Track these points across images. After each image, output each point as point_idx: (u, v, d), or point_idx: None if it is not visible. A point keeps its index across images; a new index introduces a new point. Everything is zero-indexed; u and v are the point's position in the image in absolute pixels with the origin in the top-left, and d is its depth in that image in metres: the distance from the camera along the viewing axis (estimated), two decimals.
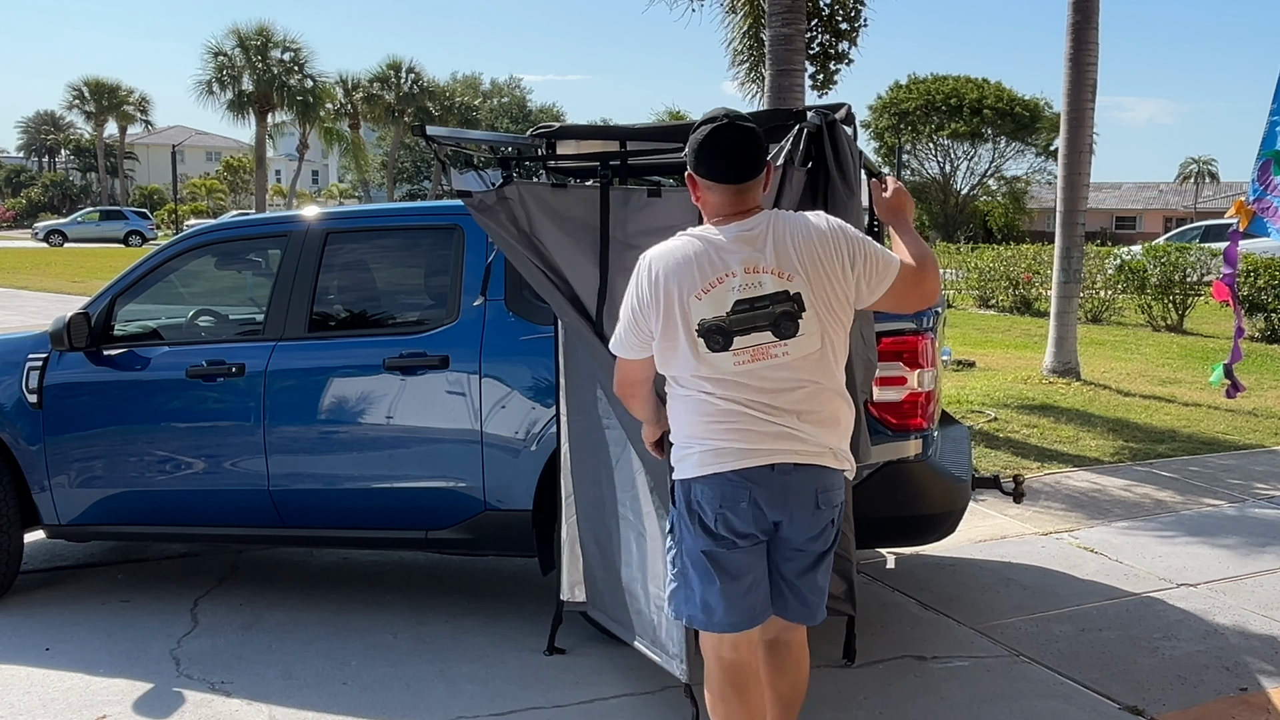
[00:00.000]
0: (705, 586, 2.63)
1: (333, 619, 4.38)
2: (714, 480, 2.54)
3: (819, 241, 2.54)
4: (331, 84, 47.56)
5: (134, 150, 74.76)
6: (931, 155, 56.12)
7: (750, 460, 2.52)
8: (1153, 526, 5.71)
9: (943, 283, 16.55)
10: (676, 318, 2.51)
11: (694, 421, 2.57)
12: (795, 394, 2.53)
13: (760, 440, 2.52)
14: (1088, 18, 9.89)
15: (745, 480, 2.53)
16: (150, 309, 4.89)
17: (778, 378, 2.52)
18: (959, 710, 3.57)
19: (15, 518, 4.53)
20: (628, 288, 2.62)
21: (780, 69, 8.63)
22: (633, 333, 2.61)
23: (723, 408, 2.52)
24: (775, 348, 2.49)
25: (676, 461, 2.63)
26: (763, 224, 2.55)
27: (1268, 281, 13.33)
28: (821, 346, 2.54)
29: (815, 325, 2.52)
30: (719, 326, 2.48)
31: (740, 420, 2.52)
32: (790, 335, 2.49)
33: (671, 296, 2.51)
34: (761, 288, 2.49)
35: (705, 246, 2.53)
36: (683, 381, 2.58)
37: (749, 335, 2.48)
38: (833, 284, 2.53)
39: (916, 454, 3.97)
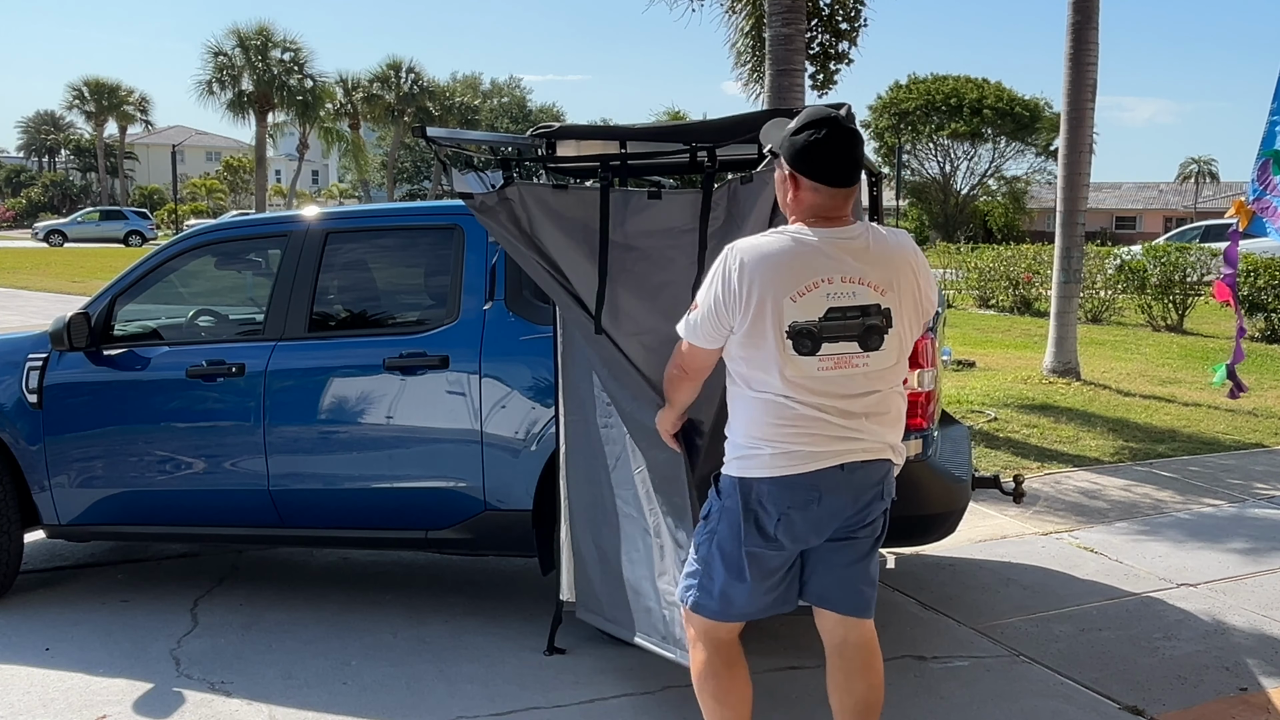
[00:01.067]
0: (732, 581, 2.65)
1: (333, 619, 4.38)
2: (786, 482, 2.54)
3: (912, 260, 2.60)
4: (331, 84, 47.57)
5: (134, 150, 74.77)
6: (931, 155, 56.11)
7: (822, 462, 2.54)
8: (1153, 526, 5.71)
9: (943, 283, 16.38)
10: (768, 316, 2.49)
11: (766, 423, 2.55)
12: (868, 399, 2.57)
13: (831, 443, 2.55)
14: (1088, 18, 9.89)
15: (816, 482, 2.55)
16: (150, 309, 4.89)
17: (853, 384, 2.54)
18: (959, 710, 3.57)
19: (15, 518, 4.53)
20: (710, 277, 2.58)
21: (780, 69, 8.63)
22: (711, 323, 2.58)
23: (800, 412, 2.52)
24: (858, 358, 2.52)
25: (738, 458, 2.61)
26: (864, 234, 2.55)
27: (1268, 281, 13.33)
28: (898, 360, 2.60)
29: (896, 341, 2.56)
30: (809, 331, 2.48)
31: (815, 425, 2.53)
32: (875, 348, 2.53)
33: (766, 295, 2.48)
34: (855, 298, 2.50)
35: (805, 249, 2.50)
36: (757, 383, 2.55)
37: (837, 343, 2.50)
38: (915, 303, 2.60)
39: (916, 454, 3.96)
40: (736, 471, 2.62)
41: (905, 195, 55.83)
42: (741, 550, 2.62)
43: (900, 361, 2.61)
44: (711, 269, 2.59)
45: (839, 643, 2.81)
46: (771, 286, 2.48)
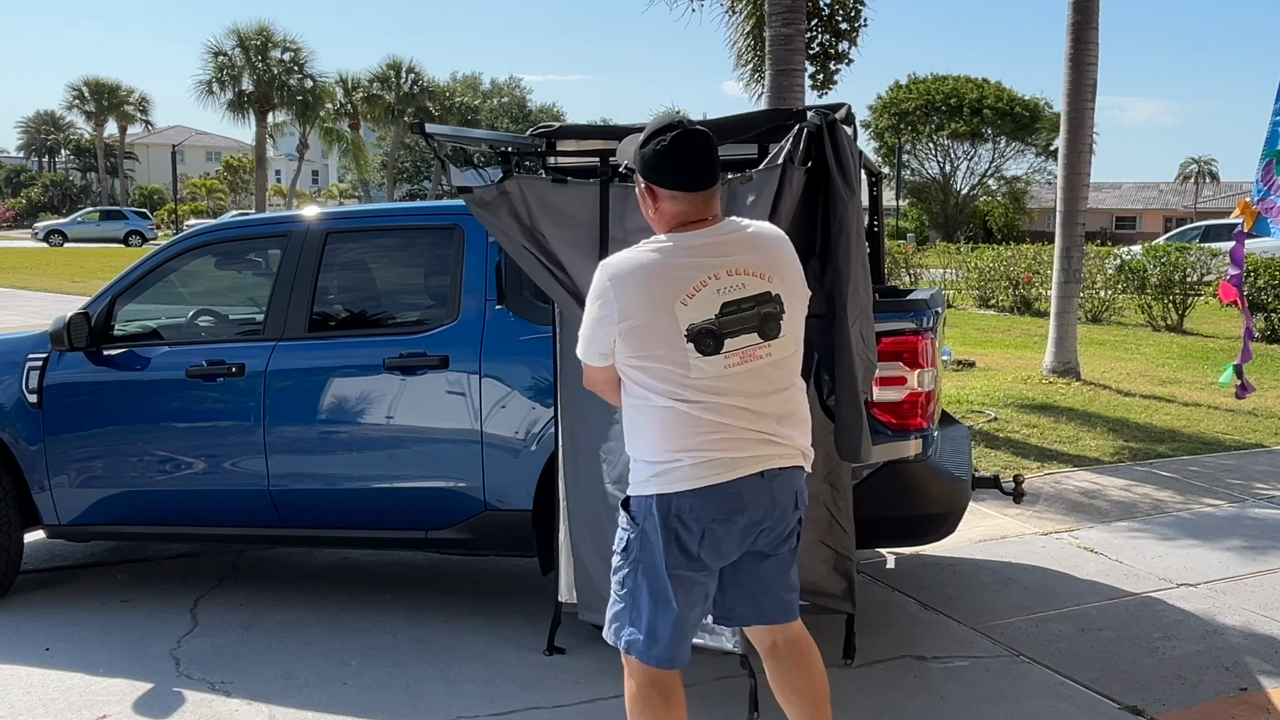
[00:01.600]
0: (658, 612, 2.54)
1: (333, 619, 4.38)
2: (709, 493, 2.46)
3: (786, 247, 2.61)
4: (331, 84, 47.58)
5: (134, 150, 74.76)
6: (931, 155, 56.15)
7: (743, 469, 2.48)
8: (1153, 526, 5.71)
9: (943, 283, 16.41)
10: (660, 327, 2.44)
11: (681, 433, 2.47)
12: (777, 398, 2.53)
13: (750, 448, 2.49)
14: (1088, 18, 9.89)
15: (740, 491, 2.48)
16: (150, 309, 4.89)
17: (759, 382, 2.50)
18: (959, 710, 3.57)
19: (15, 518, 4.53)
20: (590, 296, 2.54)
21: (780, 69, 8.63)
22: (599, 342, 2.54)
23: (714, 418, 2.46)
24: (761, 349, 2.48)
25: (654, 475, 2.51)
26: (733, 227, 2.55)
27: (1268, 281, 13.33)
28: (796, 348, 2.58)
29: (791, 326, 2.55)
30: (709, 329, 2.44)
31: (726, 430, 2.47)
32: (774, 336, 2.50)
33: (651, 304, 2.44)
34: (745, 289, 2.47)
35: (682, 252, 2.48)
36: (663, 393, 2.48)
37: (738, 337, 2.46)
38: (799, 288, 2.59)
39: (916, 454, 3.97)
40: (654, 489, 2.50)
41: (905, 195, 55.88)
42: (664, 576, 2.51)
43: (798, 350, 2.59)
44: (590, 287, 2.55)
45: (770, 646, 2.78)
46: (653, 298, 2.44)
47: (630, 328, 2.45)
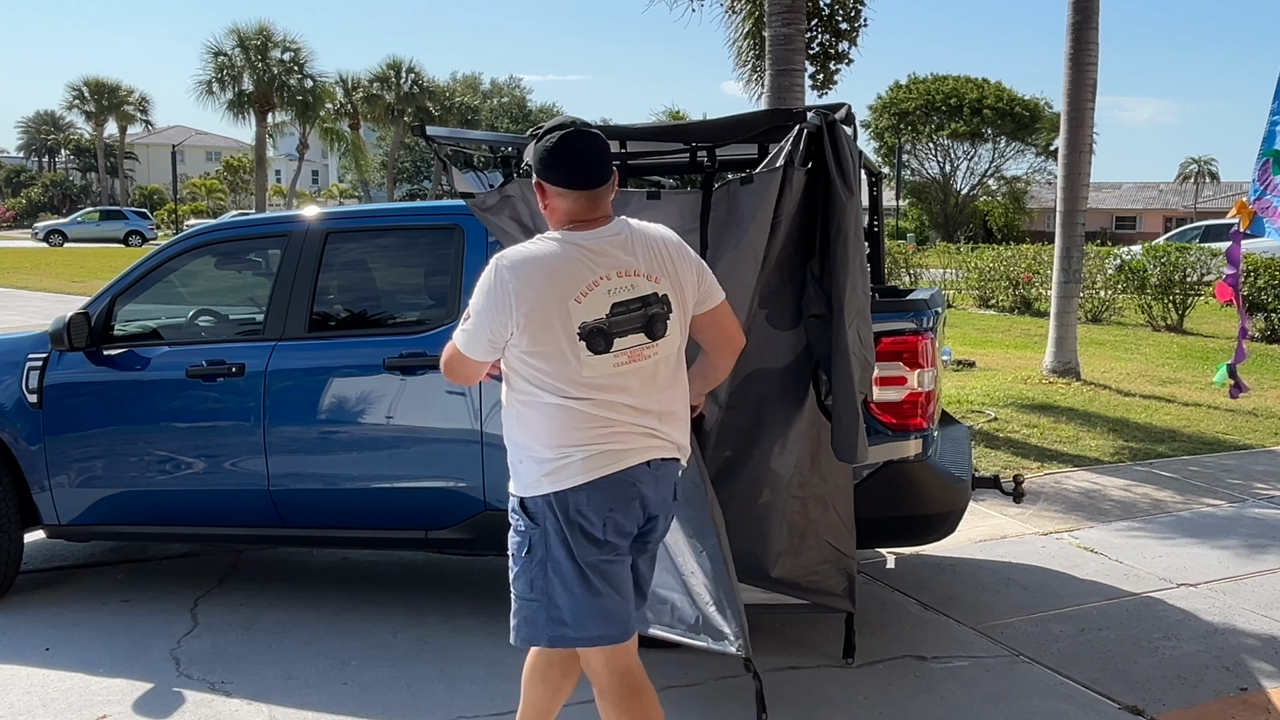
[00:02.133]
0: (582, 603, 2.57)
1: (333, 619, 4.38)
2: (605, 483, 2.52)
3: (673, 248, 2.65)
4: (331, 84, 47.56)
5: (134, 150, 74.76)
6: (931, 155, 56.16)
7: (631, 460, 2.55)
8: (1153, 526, 5.71)
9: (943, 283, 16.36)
10: (554, 323, 2.49)
11: (566, 430, 2.52)
12: (661, 395, 2.61)
13: (633, 441, 2.56)
14: (1088, 18, 9.89)
15: (631, 479, 2.56)
16: (150, 309, 4.89)
17: (644, 380, 2.57)
18: (959, 710, 3.57)
19: (15, 518, 4.53)
20: (479, 288, 2.56)
21: (780, 69, 8.64)
22: (486, 336, 2.55)
23: (596, 414, 2.52)
24: (648, 349, 2.56)
25: (544, 475, 2.54)
26: (625, 229, 2.61)
27: (1268, 281, 13.33)
28: (680, 348, 2.65)
29: (677, 326, 2.62)
30: (600, 329, 2.50)
31: (613, 425, 2.54)
32: (660, 335, 2.58)
33: (545, 301, 2.48)
34: (634, 290, 2.54)
35: (576, 251, 2.53)
36: (553, 390, 2.52)
37: (626, 337, 2.53)
38: (686, 289, 2.64)
39: (916, 454, 3.97)
40: (548, 488, 2.54)
41: (905, 195, 55.88)
42: (580, 566, 2.55)
43: (682, 349, 2.66)
44: (480, 280, 2.56)
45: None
46: (551, 292, 2.49)
47: (529, 320, 2.49)
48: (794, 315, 3.44)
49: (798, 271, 3.40)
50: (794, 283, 3.41)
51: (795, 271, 3.40)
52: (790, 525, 3.63)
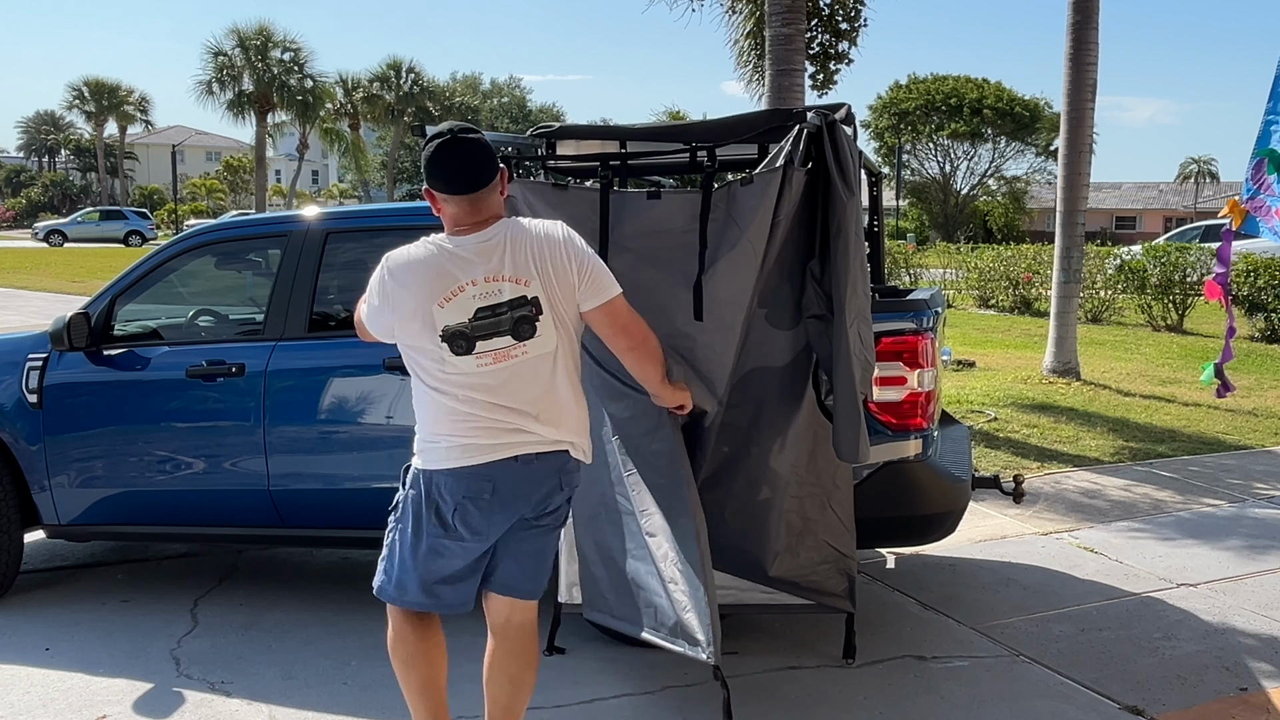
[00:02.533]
0: (408, 569, 2.81)
1: (332, 619, 4.38)
2: (461, 474, 2.70)
3: (550, 248, 2.71)
4: (331, 84, 47.53)
5: (134, 150, 74.75)
6: (931, 155, 56.15)
7: (494, 455, 2.70)
8: (1153, 526, 5.71)
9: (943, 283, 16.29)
10: (420, 324, 2.66)
11: (441, 418, 2.72)
12: (530, 393, 2.72)
13: (499, 436, 2.70)
14: (1088, 18, 9.89)
15: (489, 474, 2.70)
16: (150, 309, 4.89)
17: (512, 379, 2.69)
18: (959, 710, 3.57)
19: (15, 518, 4.53)
20: (370, 285, 2.77)
21: (780, 69, 8.64)
22: (379, 325, 2.80)
23: (461, 409, 2.69)
24: (515, 349, 2.68)
25: (420, 451, 2.78)
26: (500, 233, 2.70)
27: (1268, 281, 13.32)
28: (556, 347, 2.73)
29: (551, 326, 2.71)
30: (462, 332, 2.64)
31: (477, 420, 2.69)
32: (528, 337, 2.69)
33: (414, 303, 2.66)
34: (500, 295, 2.66)
35: (445, 256, 2.68)
36: (429, 380, 2.72)
37: (490, 340, 2.66)
38: (563, 288, 2.71)
39: (916, 454, 3.97)
40: (420, 464, 2.78)
41: (905, 195, 55.87)
42: (423, 539, 2.77)
43: (561, 348, 2.74)
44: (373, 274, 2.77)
45: (503, 623, 2.96)
46: (417, 295, 2.66)
47: (402, 321, 2.70)
48: (794, 315, 3.44)
49: (798, 271, 3.40)
50: (794, 283, 3.41)
51: (795, 271, 3.41)
52: (789, 524, 3.63)
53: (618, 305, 2.79)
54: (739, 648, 4.04)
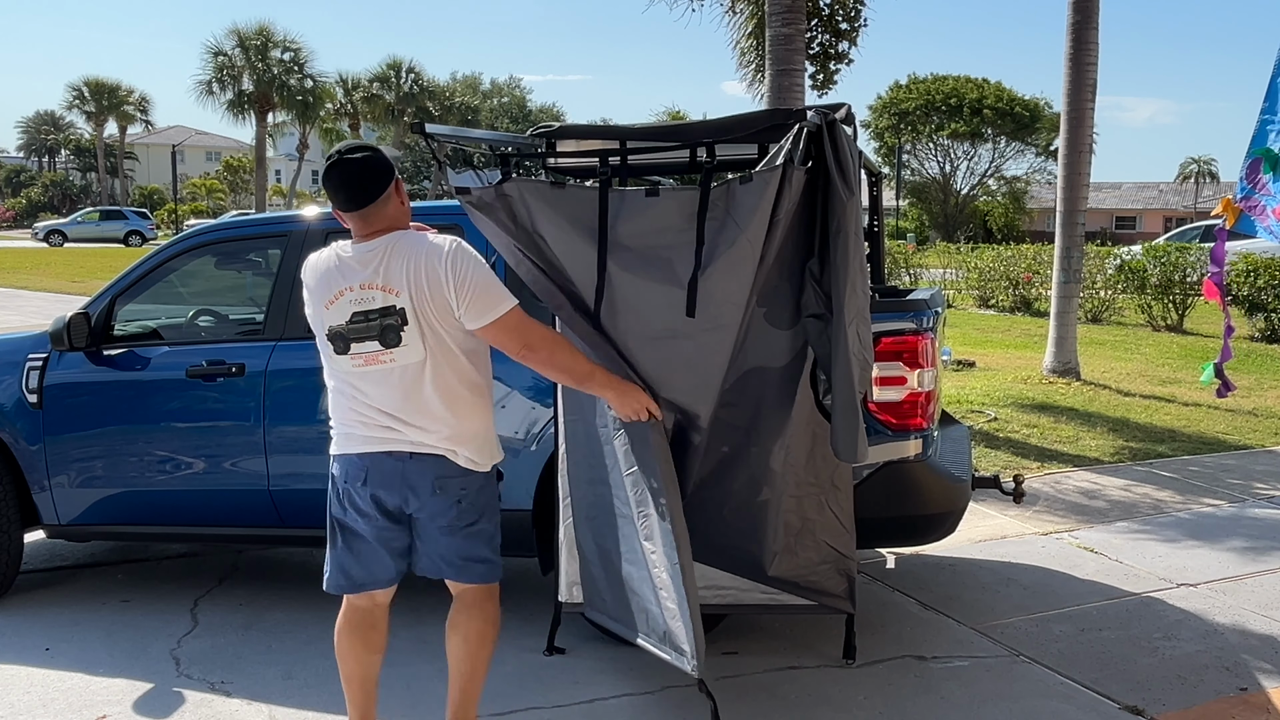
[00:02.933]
0: (335, 550, 3.07)
1: (332, 619, 4.35)
2: (345, 460, 2.98)
3: (428, 265, 2.83)
4: (331, 84, 47.54)
5: (134, 150, 74.74)
6: (931, 155, 56.15)
7: (368, 447, 2.92)
8: (1153, 526, 5.71)
9: (943, 283, 16.27)
10: (316, 321, 2.95)
11: (335, 407, 3.00)
12: (395, 400, 2.89)
13: (374, 431, 2.92)
14: (1088, 18, 9.89)
15: (364, 463, 2.93)
16: (150, 309, 4.89)
17: (383, 382, 2.89)
18: (959, 710, 3.57)
19: (15, 518, 4.53)
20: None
21: (780, 69, 8.64)
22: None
23: (345, 402, 2.96)
24: (384, 355, 2.86)
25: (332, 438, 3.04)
26: (382, 245, 2.87)
27: (1268, 281, 13.32)
28: (425, 359, 2.87)
29: (417, 337, 2.85)
30: (340, 333, 2.88)
31: (357, 414, 2.93)
32: (394, 345, 2.85)
33: (313, 303, 2.95)
34: (372, 302, 2.84)
35: (336, 262, 2.92)
36: (326, 371, 3.00)
37: (363, 343, 2.86)
38: (436, 304, 2.84)
39: (916, 454, 3.97)
40: (331, 449, 3.05)
41: (905, 195, 55.87)
42: (335, 519, 3.04)
43: (431, 357, 2.86)
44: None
45: (459, 592, 3.14)
46: (314, 295, 2.94)
47: (310, 316, 2.99)
48: (792, 314, 3.44)
49: (797, 271, 3.40)
50: (793, 282, 3.41)
51: (794, 271, 3.40)
52: (787, 525, 3.62)
53: (509, 321, 2.89)
54: (739, 648, 4.04)
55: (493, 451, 3.07)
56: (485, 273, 2.89)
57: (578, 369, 3.07)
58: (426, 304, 2.83)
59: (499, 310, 2.88)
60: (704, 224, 3.25)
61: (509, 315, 2.88)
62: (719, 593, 3.76)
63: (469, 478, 2.99)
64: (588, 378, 3.11)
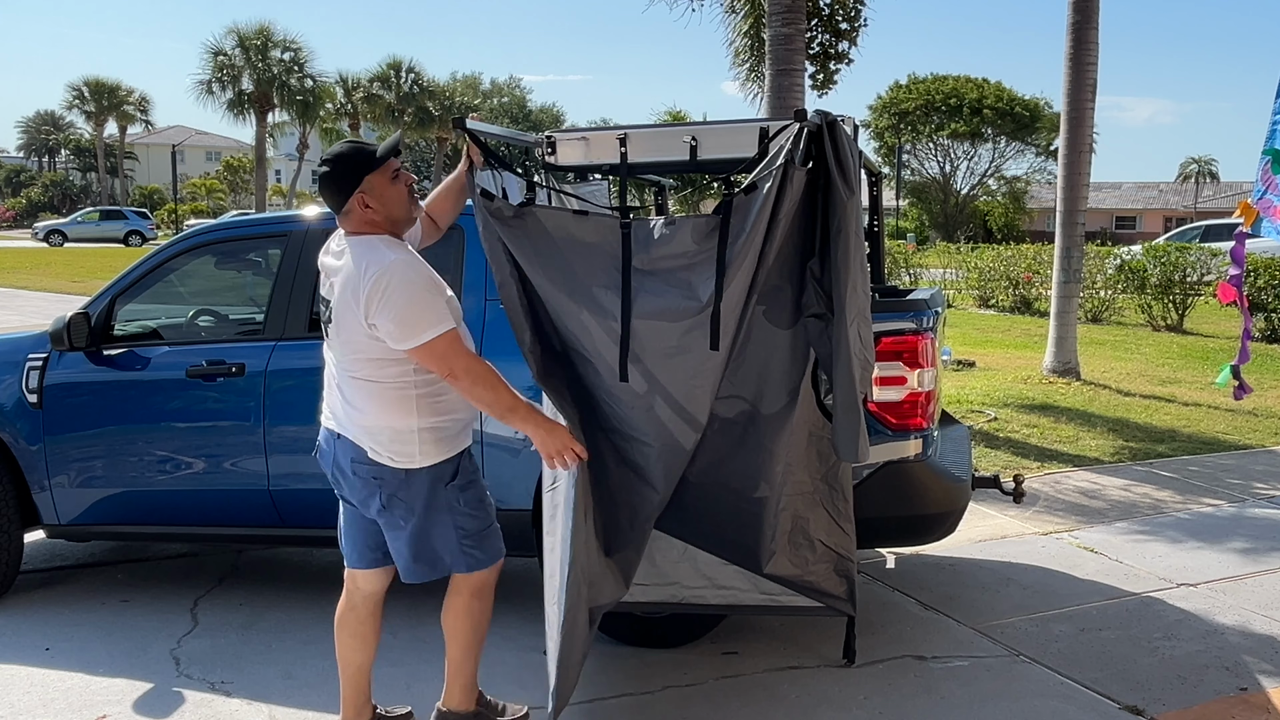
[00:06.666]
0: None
1: (332, 619, 4.36)
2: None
3: (348, 276, 2.98)
4: (331, 84, 47.56)
5: (134, 150, 74.73)
6: (931, 155, 56.14)
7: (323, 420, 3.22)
8: (1153, 526, 5.71)
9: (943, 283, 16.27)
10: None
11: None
12: (328, 380, 3.17)
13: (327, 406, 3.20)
14: (1088, 18, 9.90)
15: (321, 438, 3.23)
16: (150, 309, 4.89)
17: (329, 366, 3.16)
18: (959, 710, 3.57)
19: (15, 518, 4.53)
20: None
21: (780, 69, 8.64)
22: None
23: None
24: (329, 340, 3.12)
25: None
26: (345, 244, 3.06)
27: (1268, 281, 13.33)
28: (338, 355, 3.09)
29: (335, 333, 3.07)
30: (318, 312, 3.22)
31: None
32: (328, 335, 3.11)
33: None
34: (330, 293, 3.08)
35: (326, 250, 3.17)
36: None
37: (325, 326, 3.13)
38: (346, 311, 3.00)
39: (916, 454, 3.97)
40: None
41: (905, 195, 55.86)
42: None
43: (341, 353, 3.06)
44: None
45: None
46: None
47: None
48: (793, 314, 3.43)
49: (797, 271, 3.39)
50: (793, 282, 3.40)
51: (795, 271, 3.40)
52: (785, 524, 3.62)
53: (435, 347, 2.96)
54: (739, 648, 4.04)
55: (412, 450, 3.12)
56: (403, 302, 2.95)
57: (500, 403, 3.08)
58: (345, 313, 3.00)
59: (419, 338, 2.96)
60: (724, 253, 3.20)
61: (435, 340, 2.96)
62: (720, 592, 3.76)
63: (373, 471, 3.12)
64: (510, 412, 3.11)
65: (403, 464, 3.09)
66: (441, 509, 3.15)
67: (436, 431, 3.11)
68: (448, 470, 3.14)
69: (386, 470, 3.09)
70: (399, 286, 2.93)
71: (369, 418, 3.08)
